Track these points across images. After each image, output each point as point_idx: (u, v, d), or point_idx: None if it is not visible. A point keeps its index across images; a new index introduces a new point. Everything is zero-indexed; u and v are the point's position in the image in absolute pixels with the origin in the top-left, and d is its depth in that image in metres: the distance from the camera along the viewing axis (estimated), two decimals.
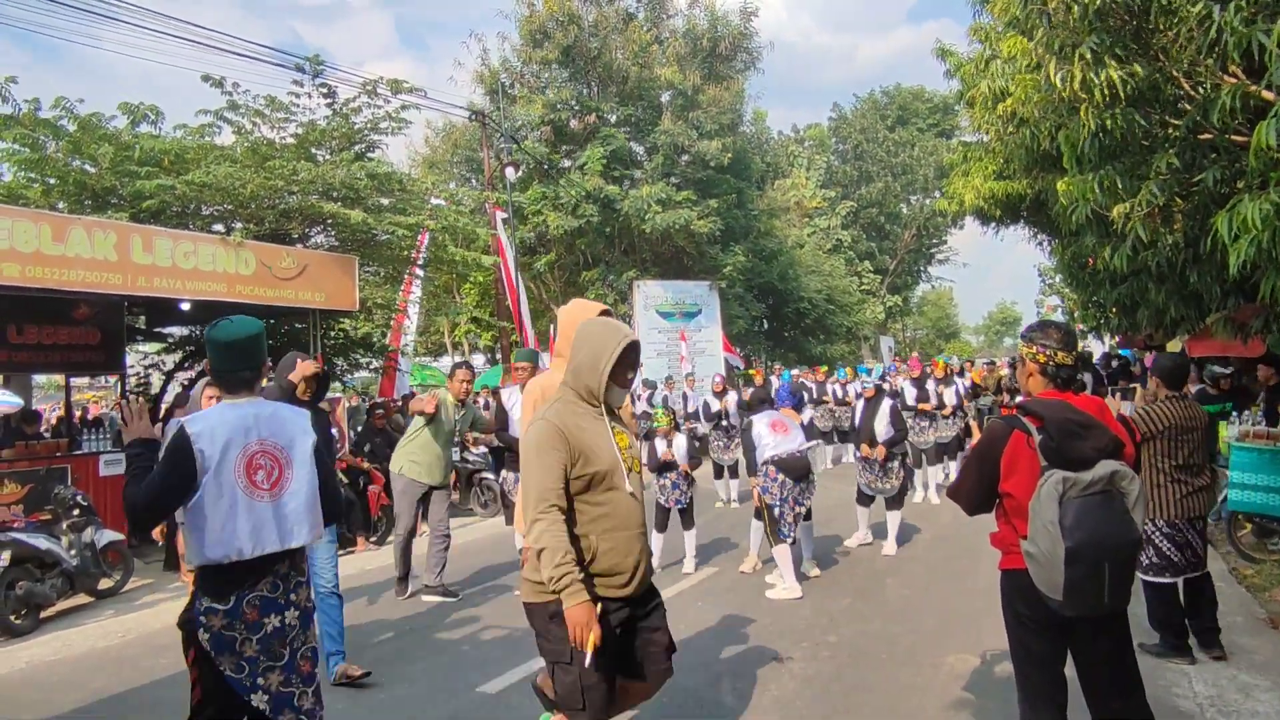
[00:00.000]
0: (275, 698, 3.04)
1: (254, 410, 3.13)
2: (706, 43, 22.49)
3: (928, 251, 44.34)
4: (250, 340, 3.18)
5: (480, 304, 22.53)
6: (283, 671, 3.07)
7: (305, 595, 3.21)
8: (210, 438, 2.98)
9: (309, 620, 3.21)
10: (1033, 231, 14.95)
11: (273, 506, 3.08)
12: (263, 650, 3.02)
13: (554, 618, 3.06)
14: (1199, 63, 5.48)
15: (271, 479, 3.10)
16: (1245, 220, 4.82)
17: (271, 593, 3.08)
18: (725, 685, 5.05)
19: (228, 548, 2.97)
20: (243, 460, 3.04)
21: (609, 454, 3.13)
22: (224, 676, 2.98)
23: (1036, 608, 2.96)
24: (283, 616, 3.09)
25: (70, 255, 8.07)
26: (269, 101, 11.54)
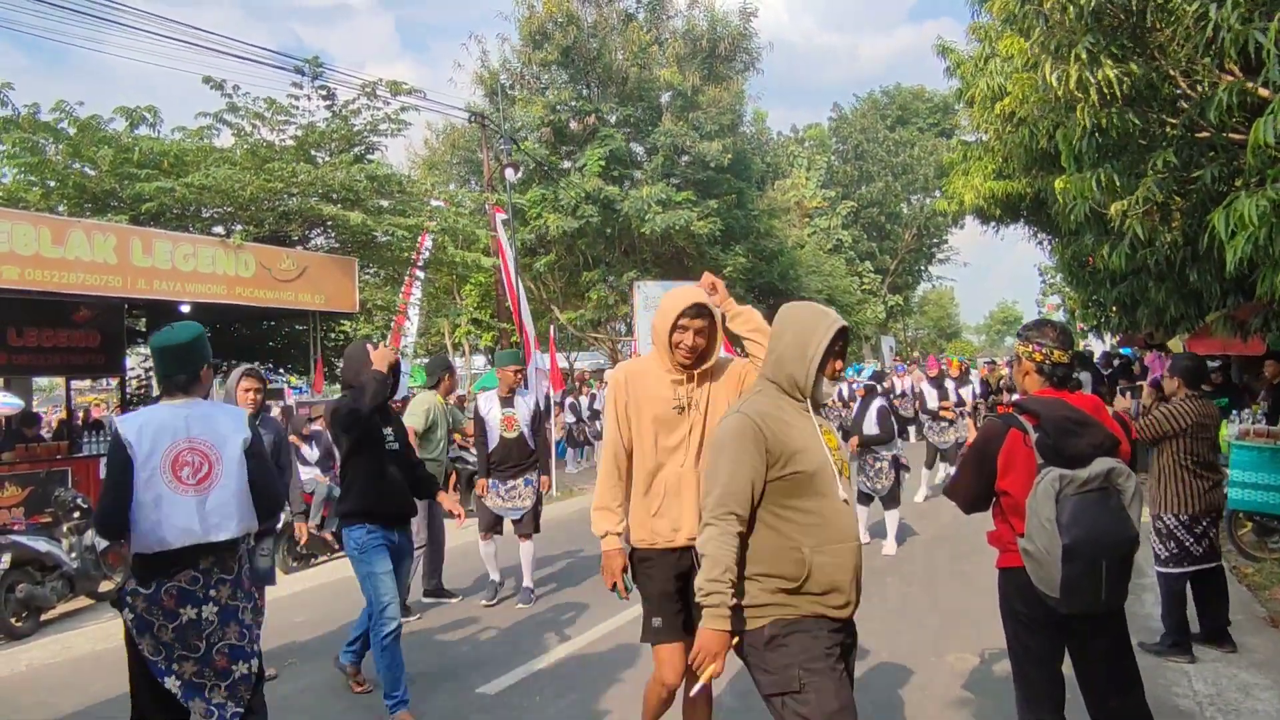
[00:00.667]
0: (186, 685, 3.20)
1: (188, 411, 3.30)
2: (706, 43, 22.50)
3: (928, 251, 44.30)
4: (186, 345, 3.36)
5: (480, 305, 22.54)
6: (196, 663, 3.21)
7: (228, 594, 3.30)
8: (139, 434, 3.17)
9: (230, 618, 3.29)
10: (1033, 230, 14.95)
11: (197, 501, 3.21)
12: (177, 639, 3.18)
13: (771, 643, 2.66)
14: (1196, 61, 5.48)
15: (199, 475, 3.24)
16: (1242, 217, 4.82)
17: (190, 585, 3.21)
18: (726, 686, 5.05)
19: (153, 538, 3.15)
20: (169, 456, 3.19)
21: (817, 454, 2.69)
22: (144, 658, 3.19)
23: (1034, 605, 2.96)
24: (199, 610, 3.22)
25: (70, 258, 8.09)
26: (268, 104, 11.55)
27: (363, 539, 4.72)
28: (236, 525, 3.30)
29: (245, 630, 3.35)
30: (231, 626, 3.30)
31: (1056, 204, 8.04)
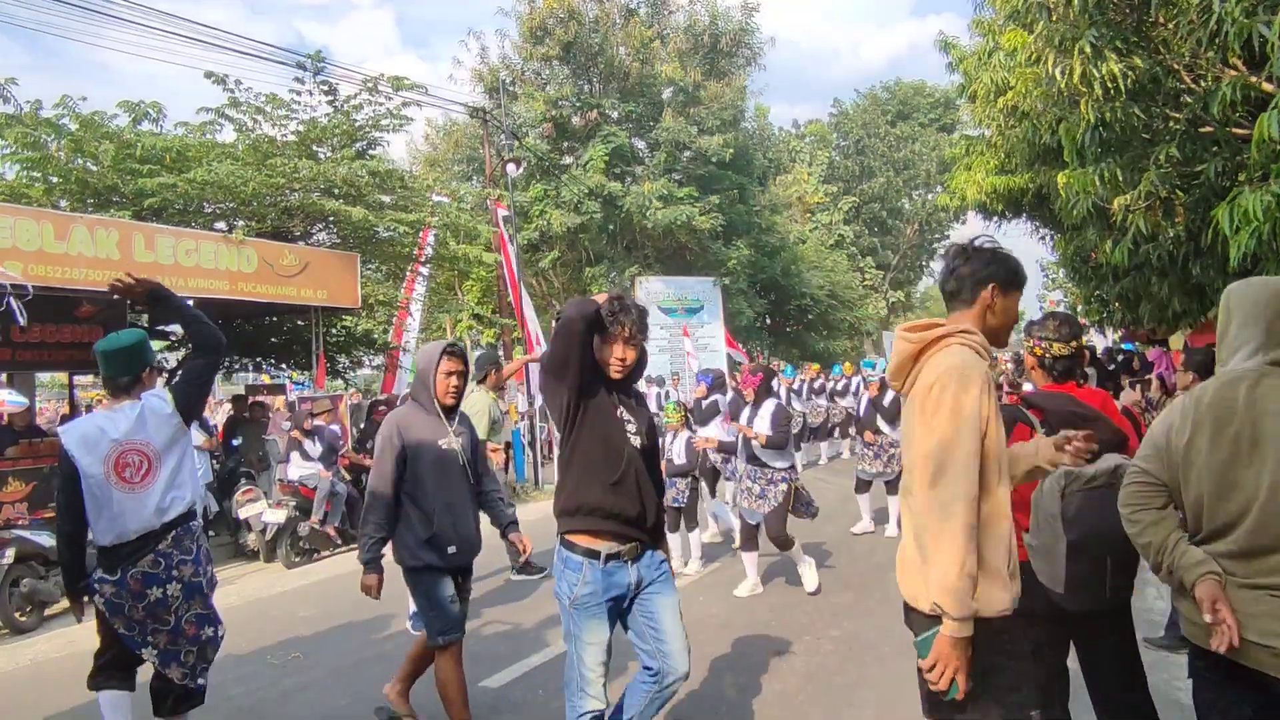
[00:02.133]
0: (163, 653, 3.59)
1: (126, 414, 3.58)
2: (708, 39, 22.49)
3: (930, 246, 44.23)
4: (127, 349, 3.66)
5: (482, 301, 22.51)
6: (169, 634, 3.59)
7: (190, 571, 3.63)
8: (80, 445, 3.49)
9: (194, 592, 3.64)
10: (1035, 226, 14.91)
11: (144, 495, 3.54)
12: (149, 615, 3.54)
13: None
14: (1199, 55, 5.47)
15: (141, 473, 3.56)
16: (1246, 212, 4.83)
17: (153, 569, 3.55)
18: (728, 680, 5.06)
19: (111, 533, 3.51)
20: (111, 460, 3.50)
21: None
22: (117, 632, 3.57)
23: (1039, 601, 2.96)
24: (165, 589, 3.56)
25: (73, 254, 8.09)
26: (270, 99, 11.54)
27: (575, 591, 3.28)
28: (184, 502, 3.65)
29: (207, 600, 3.70)
30: (196, 599, 3.64)
31: (1059, 199, 8.04)
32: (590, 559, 3.20)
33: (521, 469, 14.23)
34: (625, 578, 3.26)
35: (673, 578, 3.47)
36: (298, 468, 9.60)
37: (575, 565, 3.22)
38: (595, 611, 3.23)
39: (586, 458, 3.19)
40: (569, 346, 3.04)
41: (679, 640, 3.36)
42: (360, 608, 7.02)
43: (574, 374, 3.08)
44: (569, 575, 3.24)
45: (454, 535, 4.01)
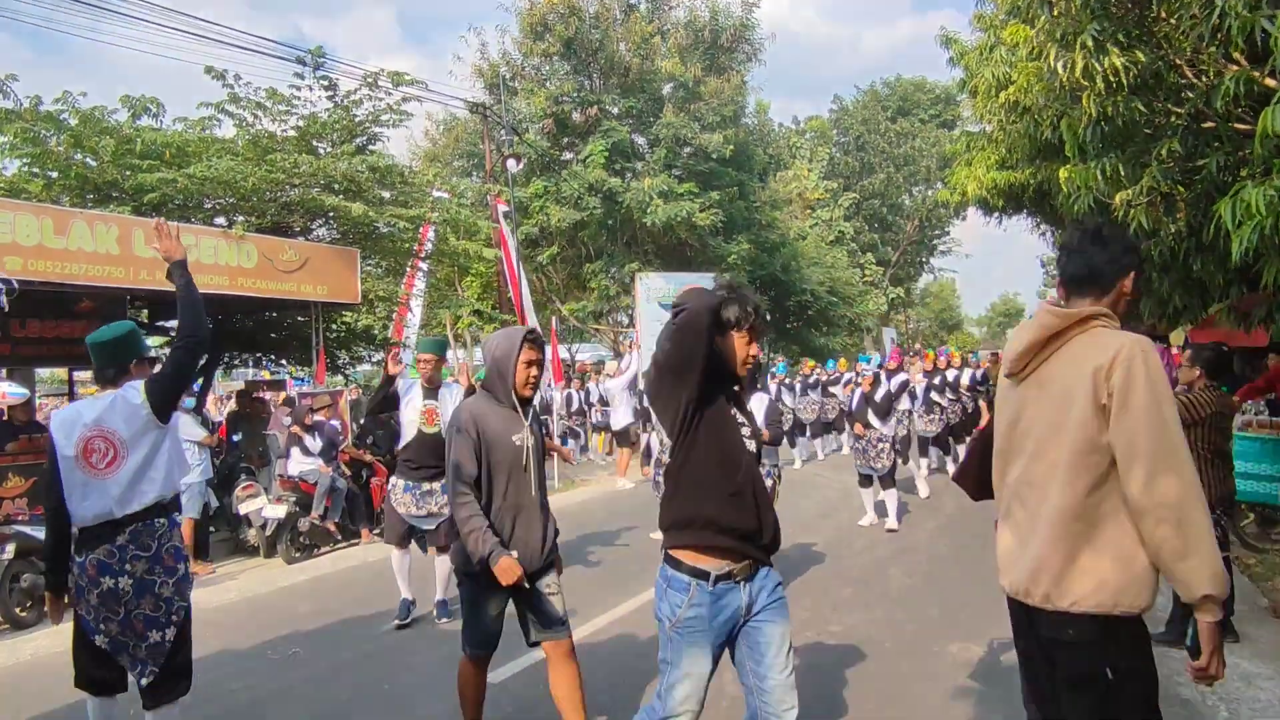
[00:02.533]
0: (113, 641, 3.59)
1: (104, 402, 3.64)
2: (708, 34, 22.45)
3: (930, 243, 44.26)
4: (114, 341, 3.76)
5: (482, 297, 22.52)
6: (119, 625, 3.58)
7: (144, 569, 3.59)
8: (59, 427, 3.61)
9: (145, 590, 3.59)
10: (1036, 222, 14.91)
11: (106, 482, 3.57)
12: (101, 603, 3.55)
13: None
14: (1202, 50, 5.45)
15: (106, 460, 3.59)
16: (1249, 206, 4.81)
17: (107, 559, 3.56)
18: (729, 674, 5.05)
19: (77, 517, 3.57)
20: (80, 445, 3.57)
21: None
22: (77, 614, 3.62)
23: None
24: (116, 581, 3.55)
25: (72, 249, 8.08)
26: (270, 94, 11.51)
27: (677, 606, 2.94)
28: (153, 495, 3.64)
29: (162, 602, 3.63)
30: (147, 598, 3.60)
31: (1060, 194, 8.02)
32: (698, 579, 2.87)
33: None
34: (736, 600, 2.91)
35: (786, 603, 3.09)
36: (298, 463, 9.60)
37: (681, 585, 2.88)
38: (698, 639, 2.89)
39: (703, 466, 2.87)
40: (695, 343, 2.73)
41: (782, 677, 2.97)
42: (360, 603, 7.02)
43: (698, 374, 2.78)
44: (673, 596, 2.90)
45: (524, 540, 3.72)
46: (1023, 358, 2.44)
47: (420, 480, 6.26)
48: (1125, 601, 2.23)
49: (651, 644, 5.65)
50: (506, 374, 3.72)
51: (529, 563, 3.71)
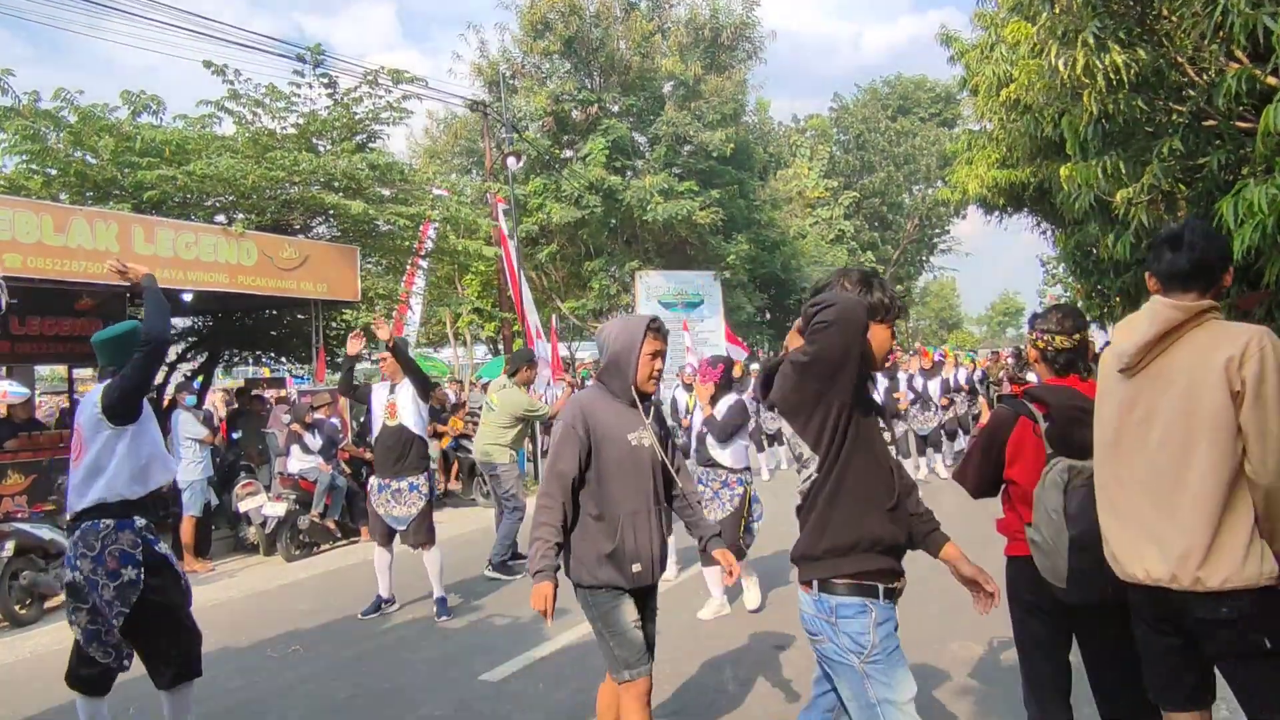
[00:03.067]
0: (84, 632, 3.71)
1: (88, 397, 3.80)
2: (709, 32, 22.43)
3: (930, 241, 44.20)
4: (112, 340, 3.81)
5: (482, 295, 22.51)
6: (87, 614, 3.68)
7: (88, 568, 3.62)
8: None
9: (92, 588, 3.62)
10: (1036, 220, 14.91)
11: (73, 474, 3.74)
12: (70, 594, 3.71)
13: None
14: (1203, 47, 5.45)
15: (75, 454, 3.76)
16: (1251, 205, 4.81)
17: (71, 550, 3.69)
18: (727, 672, 5.05)
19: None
20: (74, 436, 3.78)
21: None
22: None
23: (1041, 594, 2.95)
24: (73, 575, 3.67)
25: (72, 246, 8.06)
26: (270, 91, 11.50)
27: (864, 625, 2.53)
28: (93, 495, 3.67)
29: (104, 604, 3.63)
30: (93, 595, 3.64)
31: (1061, 193, 8.02)
32: (869, 597, 2.51)
33: (521, 463, 14.21)
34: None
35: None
36: (297, 461, 9.59)
37: (856, 608, 2.50)
38: (899, 655, 2.52)
39: (863, 481, 2.54)
40: (852, 339, 2.41)
41: None
42: (360, 601, 7.02)
43: (853, 373, 2.47)
44: (850, 625, 2.49)
45: (639, 550, 3.31)
46: (1140, 352, 2.50)
47: (390, 478, 6.48)
48: (1268, 572, 2.36)
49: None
50: (627, 367, 3.33)
51: (648, 576, 3.36)
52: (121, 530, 3.69)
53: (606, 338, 3.44)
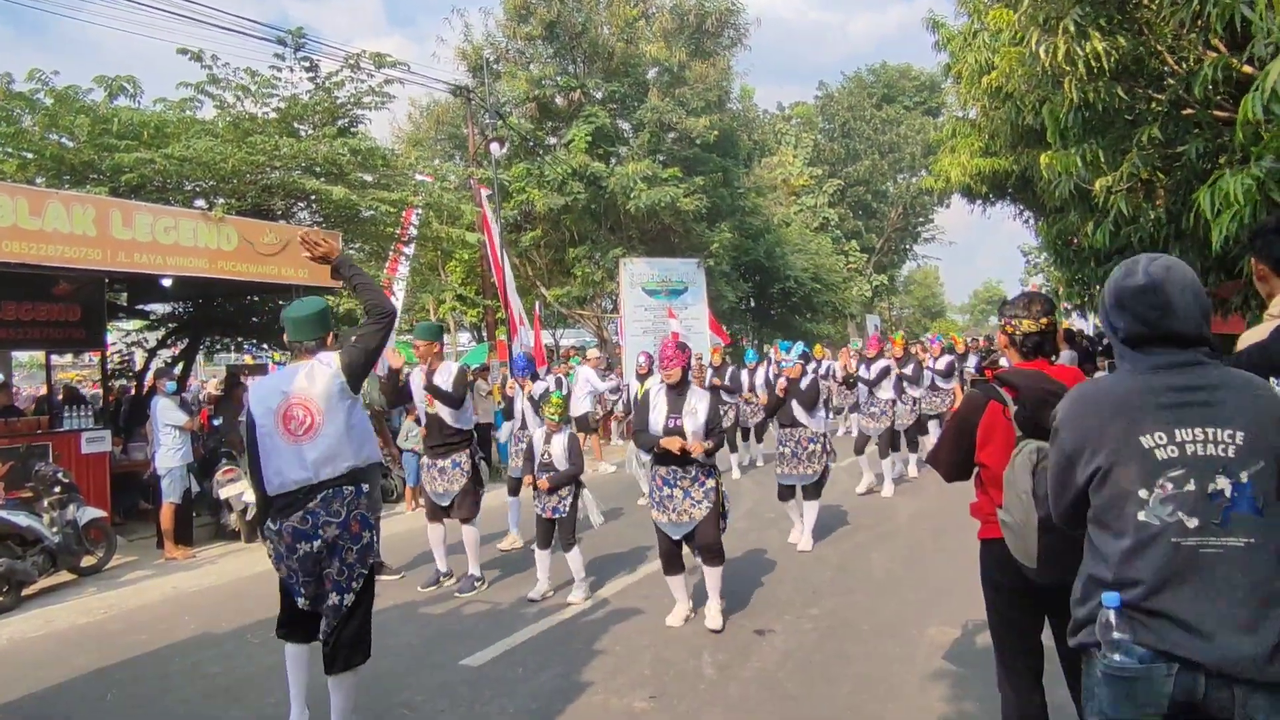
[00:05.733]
0: (314, 601, 3.82)
1: (301, 371, 3.83)
2: (693, 18, 22.32)
3: (914, 230, 44.34)
4: (315, 316, 3.92)
5: (466, 281, 22.42)
6: (317, 585, 3.80)
7: (334, 534, 3.75)
8: (257, 397, 3.85)
9: (334, 554, 3.76)
10: (1019, 209, 14.99)
11: (304, 448, 3.74)
12: (300, 568, 3.75)
13: None
14: (1182, 36, 5.49)
15: (304, 427, 3.76)
16: (1228, 195, 4.84)
17: (301, 525, 3.73)
18: (707, 657, 5.08)
19: (273, 483, 3.77)
20: (280, 411, 3.76)
21: None
22: (281, 578, 3.90)
23: (1014, 576, 2.97)
24: (311, 545, 3.73)
25: (48, 230, 7.96)
26: (250, 75, 11.38)
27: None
28: (346, 462, 3.84)
29: (346, 568, 3.80)
30: (335, 562, 3.78)
31: (1042, 181, 8.06)
32: None
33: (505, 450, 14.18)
34: None
35: None
36: None
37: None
38: None
39: None
40: None
41: None
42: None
43: None
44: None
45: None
46: None
47: (435, 458, 6.84)
48: None
49: (627, 624, 5.68)
50: None
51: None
52: (360, 496, 3.87)
53: None
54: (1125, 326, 2.05)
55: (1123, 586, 1.90)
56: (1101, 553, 1.98)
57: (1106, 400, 2.03)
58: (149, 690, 4.99)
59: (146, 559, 8.53)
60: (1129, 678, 1.86)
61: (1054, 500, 2.15)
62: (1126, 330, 2.04)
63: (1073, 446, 2.04)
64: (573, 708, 4.43)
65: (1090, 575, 2.00)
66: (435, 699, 4.64)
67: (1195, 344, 1.99)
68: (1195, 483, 1.89)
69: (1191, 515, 1.88)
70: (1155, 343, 2.01)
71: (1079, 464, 2.02)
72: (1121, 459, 1.94)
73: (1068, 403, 2.09)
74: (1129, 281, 2.04)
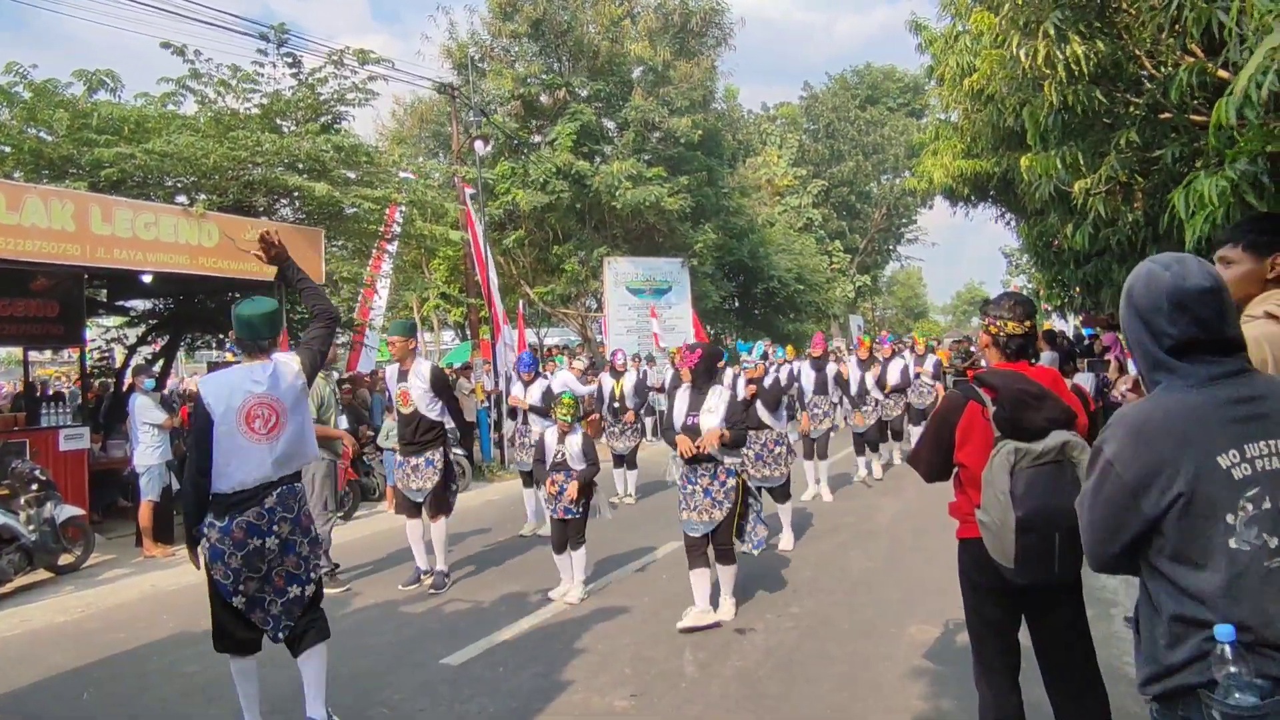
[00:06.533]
0: (249, 600, 3.84)
1: (264, 371, 3.88)
2: (678, 18, 22.35)
3: (897, 231, 44.57)
4: (269, 315, 4.02)
5: (449, 280, 22.35)
6: (258, 582, 3.83)
7: (288, 530, 3.87)
8: (215, 395, 3.79)
9: (288, 550, 3.88)
10: (1000, 211, 15.08)
11: (268, 446, 3.82)
12: (244, 564, 3.77)
13: None
14: (1160, 41, 5.53)
15: (269, 426, 3.84)
16: (1202, 197, 4.89)
17: (256, 520, 3.79)
18: (688, 656, 5.09)
19: (232, 480, 3.77)
20: (244, 410, 3.79)
21: None
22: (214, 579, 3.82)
23: (991, 576, 3.00)
24: (263, 541, 3.79)
25: (26, 225, 7.88)
26: (233, 71, 11.31)
27: None
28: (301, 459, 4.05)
29: (302, 560, 3.93)
30: (289, 557, 3.90)
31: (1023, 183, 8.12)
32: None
33: (488, 448, 14.20)
34: None
35: None
36: None
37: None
38: None
39: None
40: None
41: None
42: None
43: None
44: None
45: None
46: None
47: (409, 456, 6.84)
48: None
49: (607, 624, 5.69)
50: None
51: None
52: (302, 492, 4.02)
53: None
54: (1180, 332, 1.86)
55: (1229, 619, 1.74)
56: (1186, 589, 1.80)
57: (1177, 421, 1.83)
58: (126, 689, 4.96)
59: (125, 557, 8.47)
60: (1258, 715, 1.70)
61: (1102, 540, 1.94)
62: (1180, 336, 1.86)
63: (1138, 477, 1.82)
64: (553, 706, 4.43)
65: (1175, 615, 1.83)
66: (415, 698, 4.63)
67: (1237, 350, 1.87)
68: (1270, 500, 1.76)
69: (1273, 535, 1.76)
70: (1203, 350, 1.85)
71: (1148, 495, 1.82)
72: (1202, 483, 1.78)
73: (1123, 433, 1.88)
74: (1192, 283, 1.85)
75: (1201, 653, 1.77)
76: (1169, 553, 1.82)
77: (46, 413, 9.68)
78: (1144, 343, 1.92)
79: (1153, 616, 1.91)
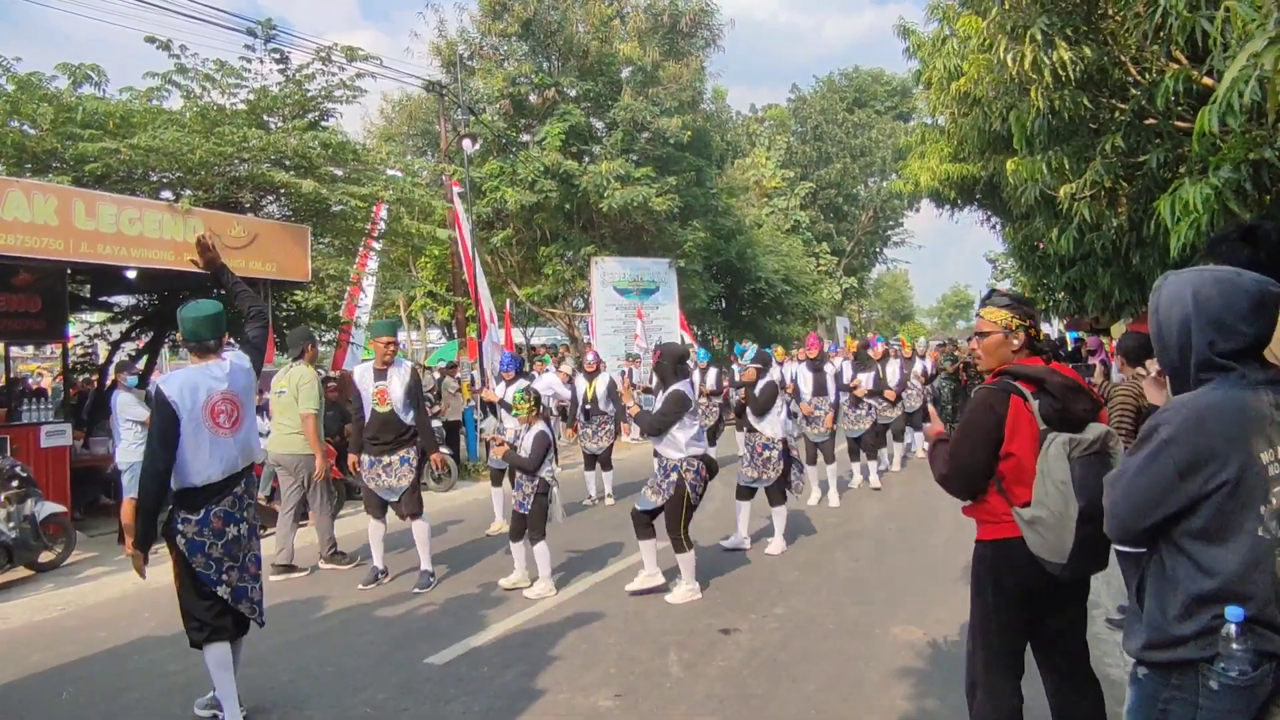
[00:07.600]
0: (234, 590, 4.04)
1: (222, 369, 4.13)
2: (668, 18, 22.35)
3: (884, 234, 44.75)
4: (214, 317, 4.22)
5: (436, 278, 22.30)
6: (239, 572, 4.05)
7: (252, 515, 4.18)
8: (179, 393, 3.94)
9: (252, 534, 4.17)
10: (986, 214, 15.18)
11: (233, 440, 4.07)
12: (225, 553, 4.00)
13: None
14: (1145, 48, 5.58)
15: (231, 420, 4.08)
16: (1187, 203, 4.94)
17: (232, 509, 4.05)
18: (672, 656, 5.10)
19: (202, 474, 3.98)
20: (208, 407, 4.00)
21: None
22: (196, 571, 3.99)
23: (1024, 576, 2.92)
24: (238, 528, 4.04)
25: (8, 219, 7.82)
26: (219, 66, 11.24)
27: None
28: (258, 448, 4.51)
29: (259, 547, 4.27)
30: (255, 540, 4.19)
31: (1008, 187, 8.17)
32: None
33: (474, 447, 14.16)
34: None
35: None
36: None
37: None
38: None
39: None
40: None
41: None
42: (305, 584, 6.97)
43: None
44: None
45: None
46: None
47: (380, 454, 6.80)
48: None
49: (590, 624, 5.68)
50: None
51: None
52: (255, 481, 4.34)
53: None
54: (1256, 332, 1.99)
55: (1240, 599, 1.92)
56: (1205, 567, 1.97)
57: (1234, 415, 1.96)
58: (106, 688, 4.93)
59: (107, 555, 8.40)
60: (1249, 685, 1.92)
61: (1141, 513, 2.06)
62: (1255, 335, 1.99)
63: (1191, 460, 1.96)
64: (537, 706, 4.43)
65: (1190, 590, 1.98)
66: (398, 698, 4.61)
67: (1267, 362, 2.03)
68: None
69: None
70: (1249, 356, 2.00)
71: (1195, 477, 1.96)
72: (1247, 474, 1.94)
73: (1184, 417, 1.99)
74: (1273, 289, 1.99)
75: (1209, 628, 1.94)
76: (1196, 531, 1.98)
77: (28, 409, 9.60)
78: (1201, 342, 2.02)
79: (1165, 590, 2.05)
